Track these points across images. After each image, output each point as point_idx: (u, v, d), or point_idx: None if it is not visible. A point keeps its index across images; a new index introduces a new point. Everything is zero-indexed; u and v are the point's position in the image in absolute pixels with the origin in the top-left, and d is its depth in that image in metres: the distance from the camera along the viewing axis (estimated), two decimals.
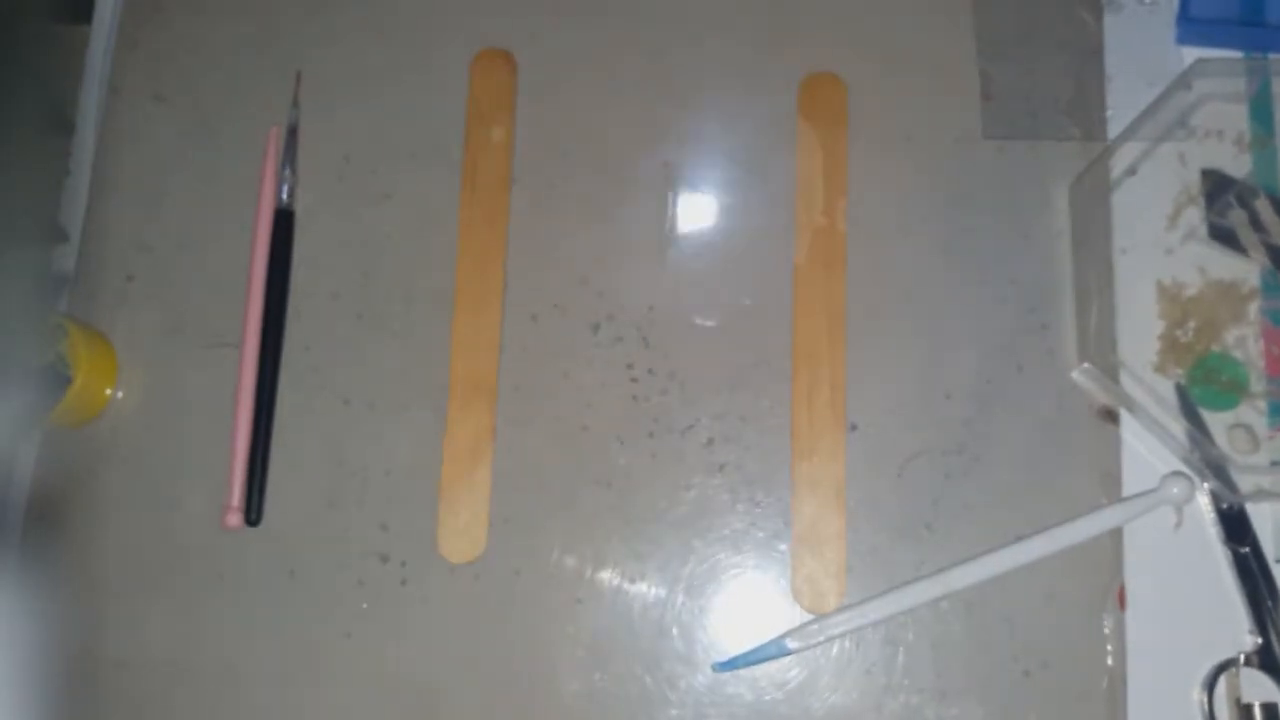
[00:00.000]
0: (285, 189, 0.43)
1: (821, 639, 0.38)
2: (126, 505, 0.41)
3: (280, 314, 0.42)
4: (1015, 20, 0.43)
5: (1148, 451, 0.39)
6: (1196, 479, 0.38)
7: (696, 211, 0.43)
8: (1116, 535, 0.39)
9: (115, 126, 0.45)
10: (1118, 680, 0.38)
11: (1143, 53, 0.42)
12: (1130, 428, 0.40)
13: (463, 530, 0.40)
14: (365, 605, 0.39)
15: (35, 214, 0.40)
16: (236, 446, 0.41)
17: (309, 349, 0.42)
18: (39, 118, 0.40)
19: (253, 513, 0.40)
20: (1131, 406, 0.39)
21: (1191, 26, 0.42)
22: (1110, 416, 0.39)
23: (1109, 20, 0.43)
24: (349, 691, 0.39)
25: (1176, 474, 0.38)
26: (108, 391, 0.42)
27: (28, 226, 0.38)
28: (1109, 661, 0.38)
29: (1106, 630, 0.38)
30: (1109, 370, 0.39)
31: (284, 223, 0.43)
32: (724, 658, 0.38)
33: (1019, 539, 0.38)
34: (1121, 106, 0.42)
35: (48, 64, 0.39)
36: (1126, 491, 0.39)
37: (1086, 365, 0.40)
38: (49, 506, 0.38)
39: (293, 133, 0.43)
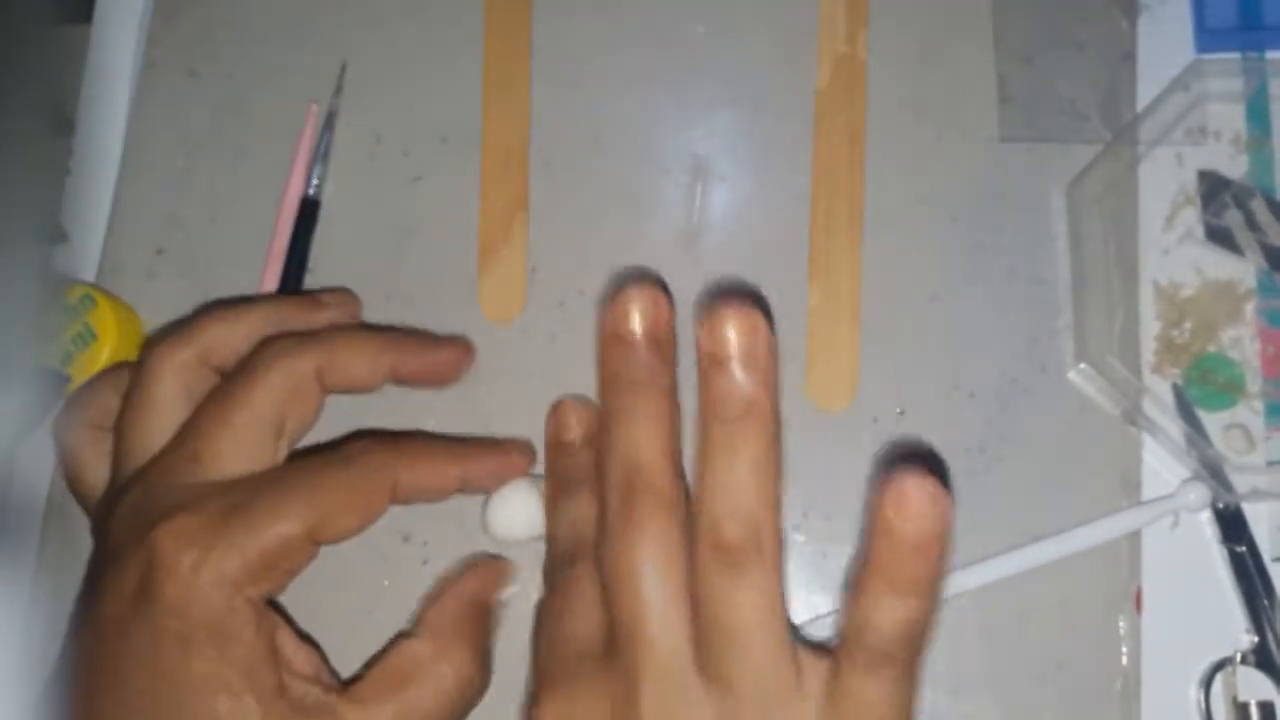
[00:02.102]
0: (315, 177, 0.43)
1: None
2: None
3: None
4: (1040, 22, 0.43)
5: (1168, 455, 0.39)
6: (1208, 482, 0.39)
7: (722, 204, 0.43)
8: (1135, 538, 0.39)
9: (148, 100, 0.45)
10: (1132, 681, 0.38)
11: (1172, 56, 0.42)
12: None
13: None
14: (386, 583, 0.40)
15: (35, 214, 0.40)
16: None
17: None
18: (39, 118, 0.40)
19: None
20: (1128, 407, 0.39)
21: (1209, 36, 0.42)
22: (1132, 419, 0.40)
23: (1140, 22, 0.43)
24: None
25: (1194, 480, 0.39)
26: None
27: (28, 226, 0.38)
28: (1124, 662, 0.38)
29: (1122, 631, 0.38)
30: (1105, 371, 0.39)
31: (308, 211, 0.43)
32: None
33: (1037, 539, 0.39)
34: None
35: (48, 64, 0.39)
36: (1147, 494, 0.39)
37: (1083, 366, 0.40)
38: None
39: (329, 122, 0.43)
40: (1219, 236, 0.41)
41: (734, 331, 0.28)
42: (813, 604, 0.39)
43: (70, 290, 0.41)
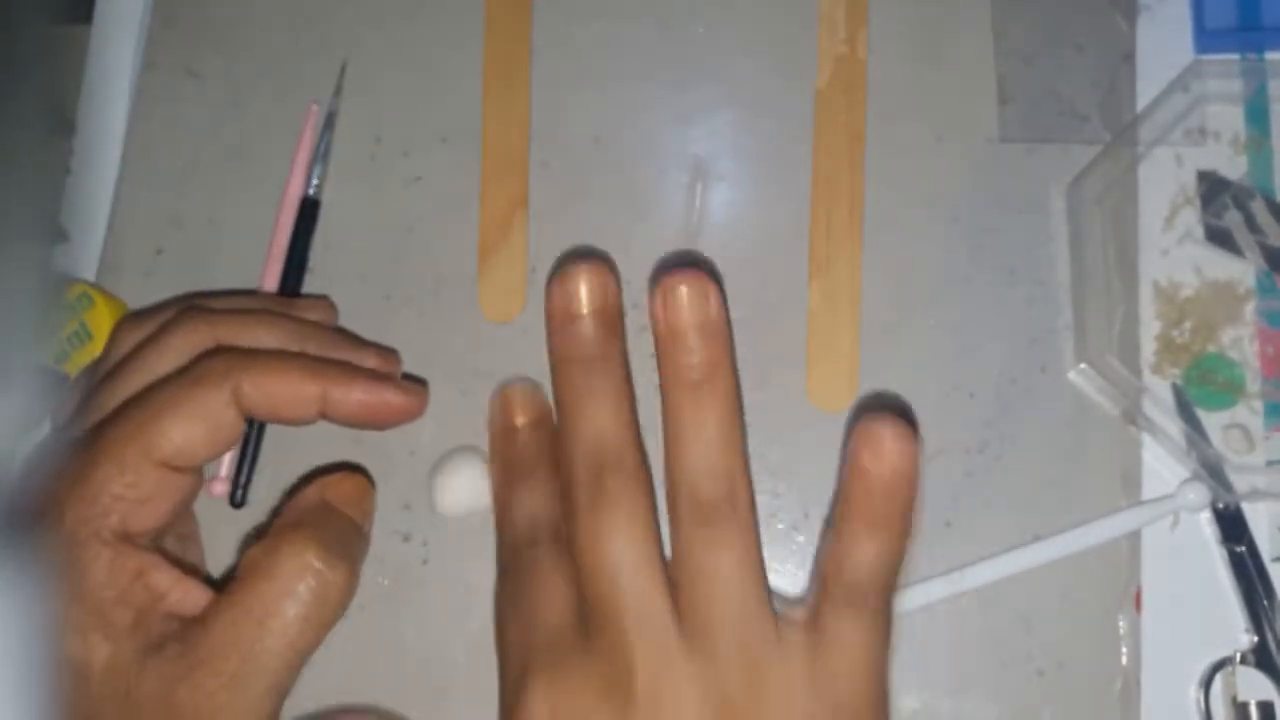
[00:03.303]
0: (314, 177, 0.43)
1: None
2: None
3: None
4: (1040, 22, 0.43)
5: (1168, 455, 0.39)
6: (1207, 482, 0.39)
7: (722, 204, 0.43)
8: (1135, 537, 0.39)
9: (148, 101, 0.45)
10: (1132, 681, 0.38)
11: (1172, 56, 0.42)
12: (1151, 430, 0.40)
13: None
14: (386, 583, 0.40)
15: (35, 214, 0.40)
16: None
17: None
18: (39, 118, 0.40)
19: (238, 495, 0.40)
20: (1128, 407, 0.39)
21: (1209, 37, 0.43)
22: (1132, 419, 0.40)
23: (1140, 22, 0.43)
24: (362, 666, 0.39)
25: (1194, 480, 0.39)
26: None
27: (28, 226, 0.38)
28: (1123, 662, 0.38)
29: (1122, 631, 0.38)
30: (1105, 371, 0.39)
31: (308, 211, 0.43)
32: None
33: (1037, 539, 0.39)
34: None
35: (48, 64, 0.39)
36: (1147, 494, 0.39)
37: (1083, 366, 0.40)
38: None
39: (330, 122, 0.43)
40: (1219, 237, 0.41)
41: (688, 300, 0.30)
42: None
43: (68, 288, 0.41)
